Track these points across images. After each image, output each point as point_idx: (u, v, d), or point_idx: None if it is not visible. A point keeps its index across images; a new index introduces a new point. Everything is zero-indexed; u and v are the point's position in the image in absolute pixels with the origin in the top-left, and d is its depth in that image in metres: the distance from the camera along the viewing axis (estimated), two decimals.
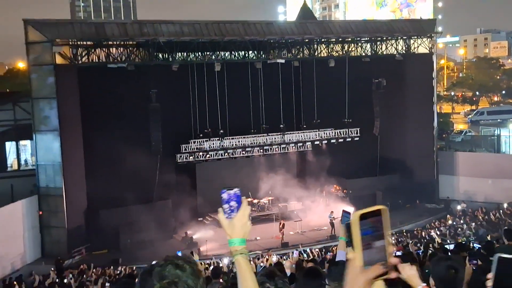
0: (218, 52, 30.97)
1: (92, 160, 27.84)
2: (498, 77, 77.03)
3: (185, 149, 30.02)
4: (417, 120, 34.49)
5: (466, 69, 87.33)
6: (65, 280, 19.75)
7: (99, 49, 28.85)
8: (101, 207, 27.69)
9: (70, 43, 27.83)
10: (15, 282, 20.80)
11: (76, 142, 27.43)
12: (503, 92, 73.15)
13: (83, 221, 27.92)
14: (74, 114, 27.28)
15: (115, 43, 29.27)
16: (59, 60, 27.42)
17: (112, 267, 23.58)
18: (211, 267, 13.61)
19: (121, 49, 29.98)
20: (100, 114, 28.14)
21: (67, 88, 27.01)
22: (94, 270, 22.98)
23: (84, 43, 28.24)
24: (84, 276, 21.38)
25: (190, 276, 2.07)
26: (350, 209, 29.70)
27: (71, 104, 27.16)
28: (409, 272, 3.38)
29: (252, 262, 17.11)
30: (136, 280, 2.24)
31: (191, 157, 30.15)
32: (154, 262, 2.26)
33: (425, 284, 3.44)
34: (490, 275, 1.91)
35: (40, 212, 27.77)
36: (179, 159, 29.98)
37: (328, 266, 7.15)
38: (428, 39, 34.98)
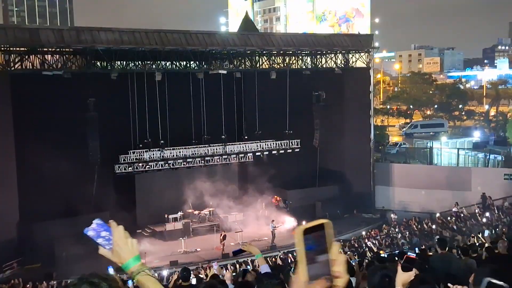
0: (158, 62, 30.65)
1: (24, 171, 26.75)
2: (431, 92, 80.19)
3: (124, 160, 29.36)
4: (355, 132, 35.40)
5: (401, 84, 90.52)
6: None
7: (33, 55, 27.82)
8: (35, 220, 26.57)
9: (3, 48, 26.68)
10: None
11: (8, 152, 26.27)
12: (436, 106, 76.19)
13: (15, 234, 26.72)
14: (5, 122, 26.14)
15: (50, 49, 28.32)
16: None
17: (44, 282, 22.65)
18: None
19: (57, 56, 29.06)
20: (34, 123, 27.13)
21: None
22: (27, 285, 21.98)
23: (18, 49, 27.14)
24: None
25: None
26: (290, 219, 29.98)
27: (2, 112, 26.01)
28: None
29: (192, 274, 16.83)
30: None
31: (130, 168, 29.52)
32: (68, 281, 2.14)
33: None
34: None
35: None
36: (118, 169, 29.29)
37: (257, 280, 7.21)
38: (366, 54, 36.03)
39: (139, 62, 30.68)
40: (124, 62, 30.48)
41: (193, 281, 11.41)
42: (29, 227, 26.66)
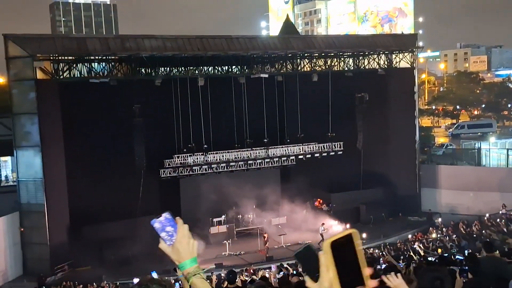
0: (201, 67, 31.05)
1: (74, 176, 27.59)
2: (478, 91, 78.17)
3: (169, 164, 29.86)
4: (400, 134, 34.85)
5: (447, 84, 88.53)
6: None
7: (80, 64, 28.70)
8: (84, 223, 27.38)
9: (51, 58, 27.61)
10: None
11: (58, 158, 27.17)
12: (483, 106, 74.20)
13: (65, 237, 27.57)
14: (55, 129, 27.05)
15: (97, 58, 29.12)
16: (40, 75, 27.23)
17: (95, 284, 23.28)
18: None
19: (103, 64, 29.86)
20: (82, 129, 27.95)
21: (48, 104, 26.82)
22: (77, 287, 22.64)
23: (66, 58, 28.04)
24: None
25: None
26: (334, 222, 29.65)
27: (52, 119, 26.94)
28: (395, 282, 3.41)
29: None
30: None
31: (175, 172, 30.01)
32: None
33: None
34: None
35: (22, 229, 27.39)
36: (163, 174, 29.83)
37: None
38: (410, 54, 35.47)
39: (182, 68, 31.17)
40: (168, 68, 31.06)
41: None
42: (79, 230, 27.46)
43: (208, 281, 2.26)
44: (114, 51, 28.22)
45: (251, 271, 22.17)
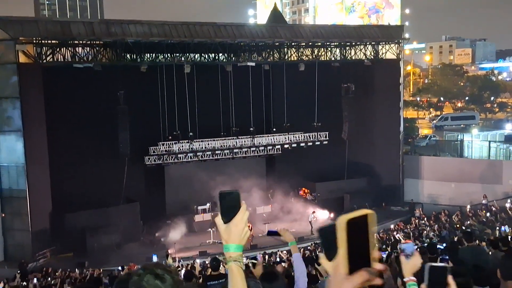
0: (187, 54, 30.78)
1: (57, 162, 27.27)
2: (462, 84, 78.90)
3: (154, 151, 29.69)
4: (384, 125, 35.06)
5: (432, 76, 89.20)
6: (30, 284, 19.25)
7: (64, 48, 28.19)
8: (67, 210, 27.14)
9: (35, 41, 27.07)
10: None
11: (41, 143, 26.80)
12: (467, 98, 74.90)
13: (48, 224, 27.30)
14: (38, 114, 26.66)
15: (81, 42, 28.67)
16: (22, 59, 26.66)
17: (77, 270, 23.13)
18: (183, 270, 13.45)
19: (88, 48, 29.38)
20: (65, 114, 27.60)
21: (31, 88, 26.38)
22: (59, 273, 22.47)
23: (49, 42, 27.54)
24: (49, 279, 20.89)
25: (169, 287, 1.96)
26: (324, 212, 29.82)
27: (35, 104, 26.53)
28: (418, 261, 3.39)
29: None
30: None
31: (159, 160, 29.85)
32: (126, 269, 2.13)
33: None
34: (423, 286, 1.94)
35: (3, 215, 27.06)
36: (148, 161, 29.66)
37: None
38: (396, 45, 35.57)
39: (168, 54, 30.88)
40: (154, 55, 30.74)
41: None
42: (62, 217, 27.24)
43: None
44: (99, 36, 27.84)
45: None
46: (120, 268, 20.69)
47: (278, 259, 20.98)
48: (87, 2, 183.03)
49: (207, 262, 19.28)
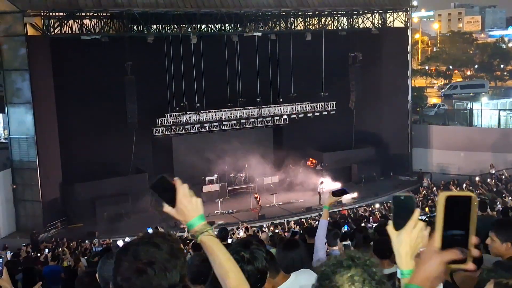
0: (194, 25, 30.59)
1: (66, 133, 27.52)
2: (471, 52, 77.81)
3: (161, 123, 29.80)
4: (392, 94, 34.87)
5: (440, 44, 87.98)
6: (41, 254, 19.66)
7: (72, 20, 28.16)
8: (77, 180, 27.50)
9: (42, 13, 27.07)
10: None
11: (50, 115, 27.02)
12: (476, 66, 74.01)
13: (58, 194, 27.72)
14: (47, 86, 26.81)
15: (88, 14, 28.61)
16: (30, 31, 26.71)
17: (87, 241, 23.55)
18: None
19: (95, 20, 29.32)
20: (74, 86, 27.71)
21: (39, 60, 26.48)
22: (71, 243, 22.89)
23: (57, 14, 27.51)
24: (60, 249, 21.30)
25: (167, 256, 1.93)
26: (329, 180, 29.85)
27: (44, 76, 26.66)
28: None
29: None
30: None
31: (167, 131, 29.97)
32: (129, 240, 2.12)
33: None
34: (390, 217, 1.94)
35: (14, 186, 27.45)
36: (155, 132, 29.79)
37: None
38: (404, 13, 35.13)
39: (175, 25, 30.69)
40: (160, 26, 30.56)
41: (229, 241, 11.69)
42: (72, 187, 27.60)
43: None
44: (106, 7, 27.71)
45: (244, 228, 22.49)
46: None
47: (286, 229, 21.24)
48: None
49: (215, 232, 19.57)
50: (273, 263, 3.37)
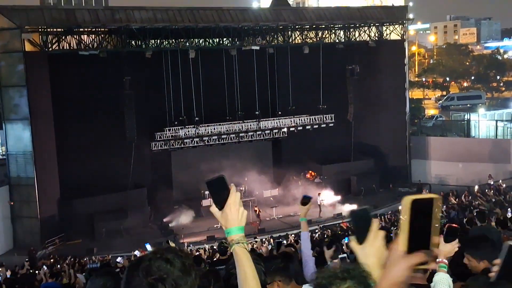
0: (192, 39, 30.69)
1: (64, 149, 27.41)
2: (467, 63, 78.31)
3: (160, 137, 29.77)
4: (390, 106, 34.94)
5: (437, 56, 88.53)
6: (39, 271, 19.45)
7: (70, 36, 28.20)
8: (75, 196, 27.33)
9: (40, 29, 27.11)
10: None
11: (48, 131, 26.94)
12: (472, 77, 74.41)
13: (56, 210, 27.52)
14: (45, 102, 26.76)
15: (86, 29, 28.65)
16: (28, 47, 26.72)
17: (87, 257, 23.33)
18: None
19: (93, 36, 29.36)
20: (72, 102, 27.68)
21: (37, 76, 26.47)
22: (68, 260, 22.67)
23: (55, 29, 27.53)
24: (58, 266, 21.09)
25: (179, 272, 1.93)
26: (329, 193, 29.77)
27: (41, 92, 26.62)
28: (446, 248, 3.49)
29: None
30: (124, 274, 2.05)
31: (166, 145, 29.92)
32: (139, 254, 2.07)
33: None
34: (497, 261, 1.92)
35: (12, 203, 27.27)
36: (154, 147, 29.74)
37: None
38: (400, 26, 35.32)
39: (173, 40, 30.78)
40: (158, 40, 30.63)
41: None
42: (70, 203, 27.43)
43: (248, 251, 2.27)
44: (104, 23, 27.79)
45: None
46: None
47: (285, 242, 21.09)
48: None
49: (214, 247, 19.42)
50: (286, 272, 3.66)
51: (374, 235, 1.74)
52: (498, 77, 72.92)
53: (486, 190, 30.31)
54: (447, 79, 74.71)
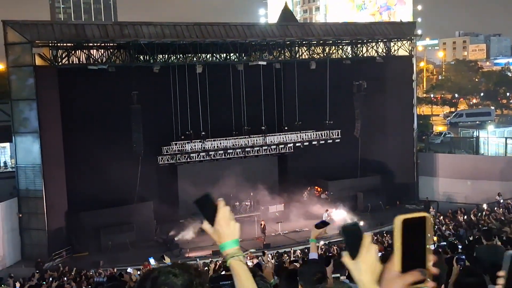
0: (199, 54, 30.97)
1: (72, 162, 27.65)
2: (476, 80, 78.05)
3: (167, 151, 29.94)
4: (398, 122, 34.89)
5: (445, 72, 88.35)
6: (46, 282, 19.53)
7: (79, 50, 28.64)
8: (82, 209, 27.50)
9: (50, 44, 27.58)
10: None
11: (56, 144, 27.22)
12: (482, 94, 74.13)
13: (63, 223, 27.71)
14: (54, 115, 27.09)
15: (95, 44, 29.08)
16: (39, 61, 27.16)
17: (93, 270, 23.41)
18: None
19: (102, 50, 29.79)
20: (81, 115, 28.00)
21: (47, 90, 26.83)
22: (74, 272, 22.74)
23: (64, 44, 27.97)
24: (65, 278, 21.18)
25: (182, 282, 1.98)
26: (338, 211, 29.59)
27: (51, 105, 26.95)
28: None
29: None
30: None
31: (172, 159, 30.07)
32: (131, 270, 2.12)
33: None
34: (501, 273, 1.94)
35: (20, 215, 27.48)
36: (161, 160, 29.90)
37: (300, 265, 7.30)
38: (408, 42, 35.40)
39: (180, 55, 31.11)
40: (166, 55, 30.96)
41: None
42: (77, 216, 27.58)
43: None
44: (113, 38, 28.15)
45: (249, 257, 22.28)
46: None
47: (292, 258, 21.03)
48: (101, 5, 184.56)
49: (219, 262, 19.38)
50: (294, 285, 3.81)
51: (366, 250, 1.72)
52: (508, 94, 72.63)
53: (495, 208, 30.03)
54: (456, 95, 74.49)
